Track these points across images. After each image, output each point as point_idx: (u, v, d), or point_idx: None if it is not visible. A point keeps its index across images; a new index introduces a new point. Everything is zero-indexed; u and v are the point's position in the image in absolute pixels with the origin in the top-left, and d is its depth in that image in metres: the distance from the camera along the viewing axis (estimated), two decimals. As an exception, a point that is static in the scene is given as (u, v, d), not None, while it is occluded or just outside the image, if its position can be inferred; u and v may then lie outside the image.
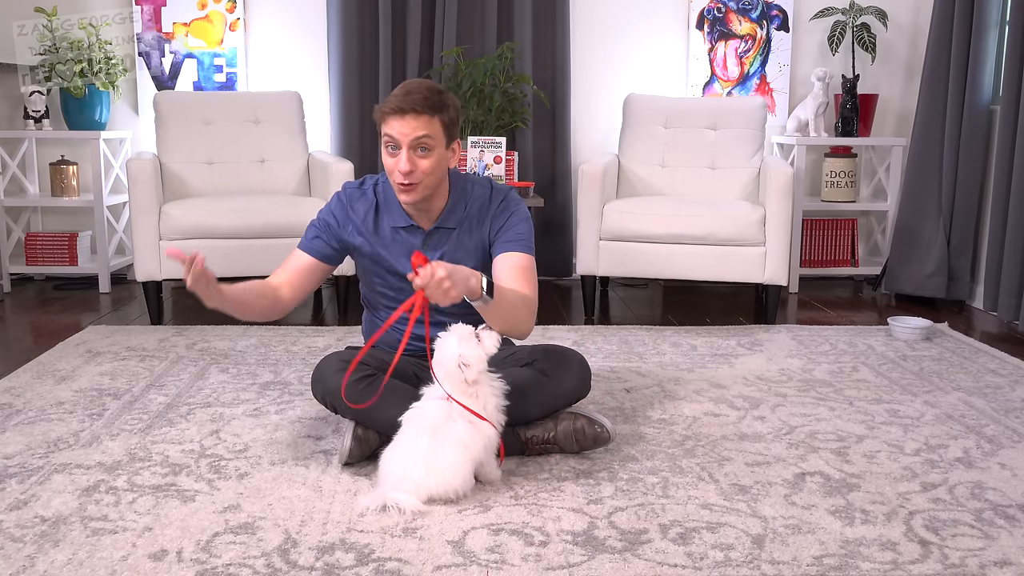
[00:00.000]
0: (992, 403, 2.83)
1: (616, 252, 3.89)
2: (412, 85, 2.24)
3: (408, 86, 2.24)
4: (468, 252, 2.39)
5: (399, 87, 2.25)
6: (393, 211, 2.38)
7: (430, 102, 2.20)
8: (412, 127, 2.19)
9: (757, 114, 4.36)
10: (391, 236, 2.39)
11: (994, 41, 4.15)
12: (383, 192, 2.41)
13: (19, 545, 1.86)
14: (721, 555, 1.84)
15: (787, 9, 4.79)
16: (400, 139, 2.21)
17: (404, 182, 2.24)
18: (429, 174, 2.24)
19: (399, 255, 2.38)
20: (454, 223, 2.38)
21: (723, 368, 3.21)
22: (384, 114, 2.22)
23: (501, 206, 2.41)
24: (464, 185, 2.42)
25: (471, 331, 2.13)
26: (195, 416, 2.65)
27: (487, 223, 2.41)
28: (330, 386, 2.26)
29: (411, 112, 2.19)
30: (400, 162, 2.21)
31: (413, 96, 2.20)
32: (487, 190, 2.43)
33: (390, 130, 2.21)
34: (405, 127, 2.20)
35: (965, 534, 1.94)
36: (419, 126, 2.19)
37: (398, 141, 2.21)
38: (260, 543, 1.87)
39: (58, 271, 4.57)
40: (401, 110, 2.19)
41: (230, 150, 4.27)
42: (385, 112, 2.22)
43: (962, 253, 4.27)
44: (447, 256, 2.37)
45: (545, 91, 4.62)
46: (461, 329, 2.14)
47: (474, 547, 1.86)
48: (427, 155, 2.23)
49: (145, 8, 4.60)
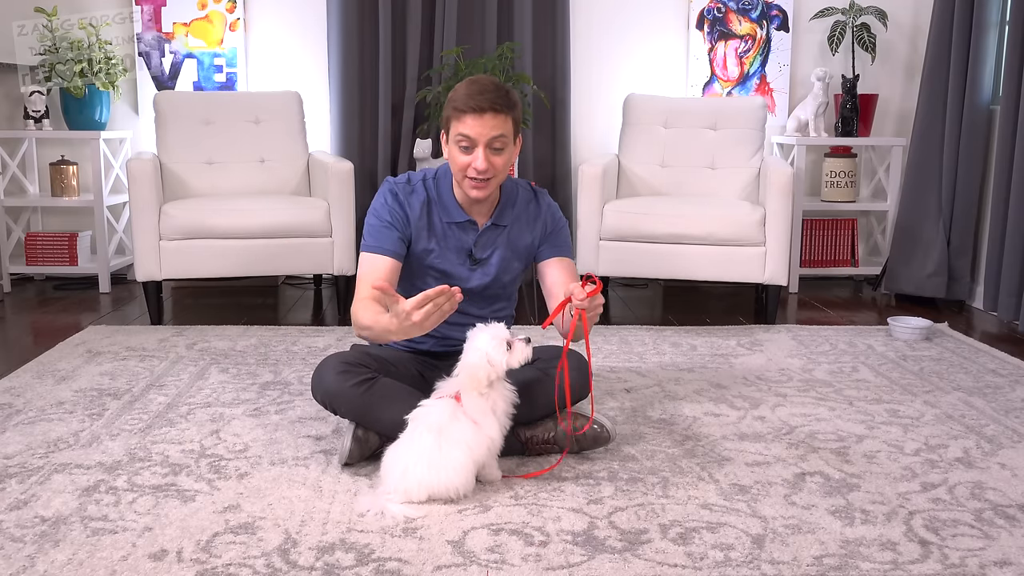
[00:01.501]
0: (992, 403, 2.83)
1: (616, 252, 3.89)
2: (484, 83, 2.23)
3: (480, 84, 2.23)
4: (518, 253, 2.44)
5: (468, 85, 2.24)
6: (448, 206, 2.38)
7: (505, 100, 2.22)
8: (490, 127, 2.21)
9: (757, 114, 4.36)
10: (443, 232, 2.39)
11: (994, 41, 4.15)
12: (435, 188, 2.40)
13: (19, 545, 1.86)
14: (721, 555, 1.84)
15: (787, 9, 4.79)
16: (478, 138, 2.21)
17: (479, 179, 2.25)
18: (502, 170, 2.28)
19: (447, 251, 2.39)
20: (507, 220, 2.42)
21: (723, 368, 3.21)
22: (460, 112, 2.22)
23: (549, 212, 2.48)
24: (508, 182, 2.45)
25: (506, 337, 2.13)
26: (195, 416, 2.65)
27: (538, 227, 2.45)
28: (330, 388, 2.26)
29: (490, 111, 2.20)
30: (477, 160, 2.23)
31: (489, 95, 2.20)
32: (527, 191, 2.49)
33: (466, 129, 2.21)
34: (483, 127, 2.20)
35: (965, 534, 1.94)
36: (496, 125, 2.21)
37: (475, 140, 2.22)
38: (260, 543, 1.87)
39: (58, 271, 4.57)
40: (480, 109, 2.19)
41: (230, 150, 4.27)
42: (462, 111, 2.21)
43: (962, 253, 4.27)
44: (499, 255, 2.41)
45: (545, 91, 4.62)
46: (497, 330, 2.14)
47: (474, 547, 1.86)
48: (501, 153, 2.25)
49: (145, 8, 4.60)
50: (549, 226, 2.48)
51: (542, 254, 2.48)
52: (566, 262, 2.47)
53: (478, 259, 2.40)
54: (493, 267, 2.42)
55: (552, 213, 2.49)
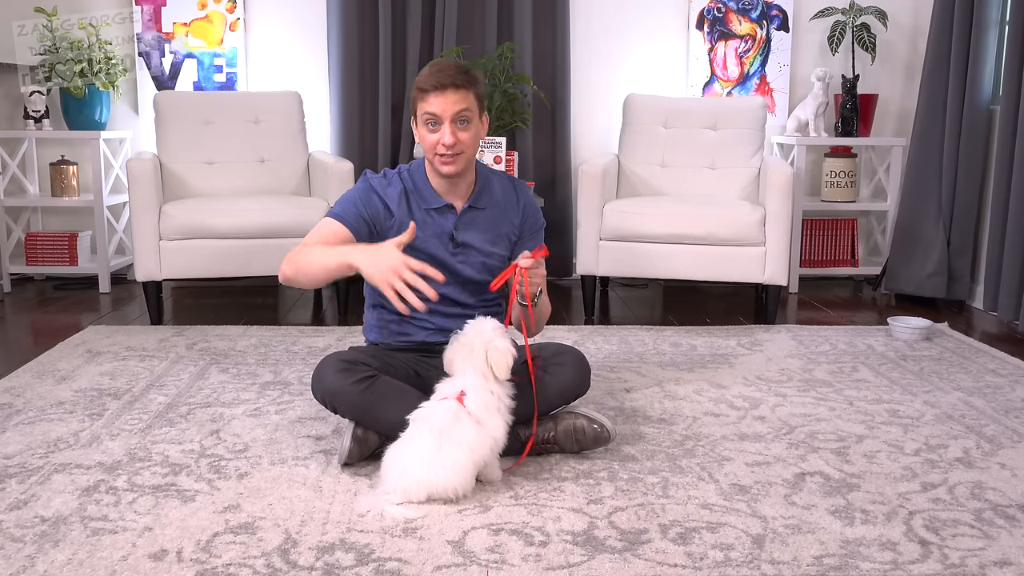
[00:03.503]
0: (992, 403, 2.83)
1: (616, 252, 3.89)
2: (442, 63, 2.33)
3: (439, 64, 2.33)
4: (499, 237, 2.48)
5: (428, 67, 2.34)
6: (425, 194, 2.42)
7: (465, 77, 2.31)
8: (452, 101, 2.28)
9: (757, 114, 4.36)
10: (422, 219, 2.41)
11: (994, 41, 4.15)
12: (410, 178, 2.45)
13: (19, 545, 1.86)
14: (721, 555, 1.84)
15: (787, 9, 4.79)
16: (442, 114, 2.29)
17: (448, 154, 2.31)
18: (470, 145, 2.35)
19: (429, 238, 2.41)
20: (484, 204, 2.46)
21: (723, 368, 3.21)
22: (424, 92, 2.30)
23: (527, 200, 2.54)
24: (483, 169, 2.52)
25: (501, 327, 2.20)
26: (195, 416, 2.65)
27: (517, 214, 2.51)
28: (330, 386, 2.27)
29: (451, 87, 2.28)
30: (444, 135, 2.30)
31: (449, 72, 2.29)
32: (504, 179, 2.56)
33: (431, 107, 2.29)
34: (446, 102, 2.28)
35: (965, 534, 1.94)
36: (459, 99, 2.29)
37: (439, 117, 2.29)
38: (260, 543, 1.87)
39: (58, 271, 4.57)
40: (442, 86, 2.27)
41: (230, 150, 4.27)
42: (425, 90, 2.29)
43: (962, 253, 4.27)
44: (480, 239, 2.44)
45: (545, 91, 4.62)
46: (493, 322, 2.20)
47: (474, 547, 1.86)
48: (467, 127, 2.32)
49: (145, 8, 4.60)
50: (530, 221, 2.53)
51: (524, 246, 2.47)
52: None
53: (460, 242, 2.42)
54: (476, 250, 2.44)
55: (533, 208, 2.55)
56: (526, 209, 2.53)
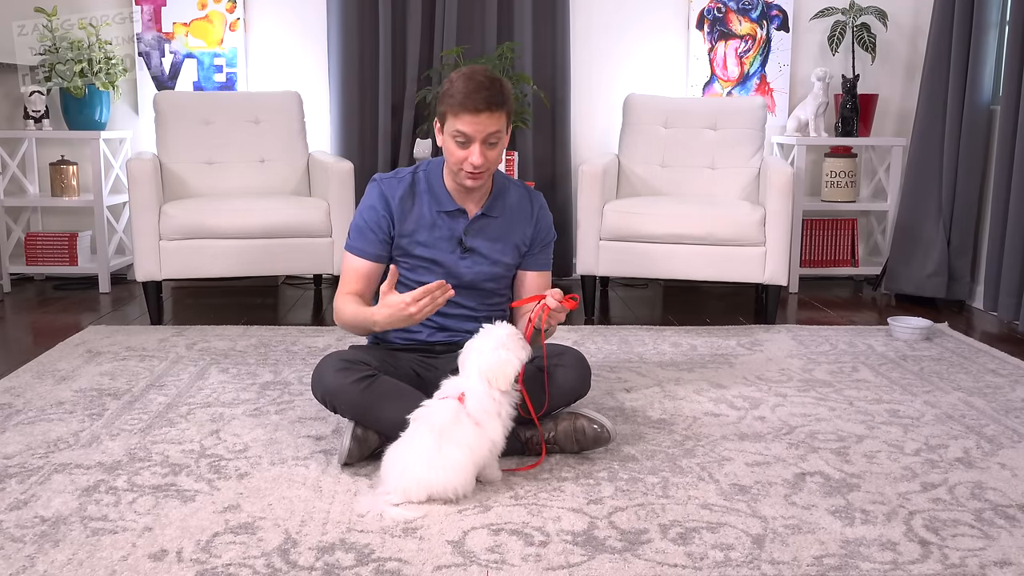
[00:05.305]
0: (992, 403, 2.83)
1: (616, 252, 3.89)
2: (479, 78, 2.25)
3: (475, 81, 2.25)
4: (509, 247, 2.48)
5: (465, 79, 2.26)
6: (439, 196, 2.42)
7: (500, 98, 2.26)
8: (486, 125, 2.26)
9: (757, 114, 4.36)
10: (432, 221, 2.41)
11: (994, 41, 4.15)
12: (425, 179, 2.44)
13: (19, 545, 1.86)
14: (721, 555, 1.84)
15: (787, 9, 4.79)
16: (474, 135, 2.26)
17: (476, 172, 2.31)
18: (496, 162, 2.35)
19: (439, 240, 2.41)
20: (497, 212, 2.46)
21: (723, 368, 3.21)
22: (457, 110, 2.25)
23: (544, 218, 2.54)
24: (500, 177, 2.51)
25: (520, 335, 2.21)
26: (195, 416, 2.65)
27: (530, 226, 2.51)
28: (330, 385, 2.27)
29: (486, 111, 2.24)
30: (473, 156, 2.28)
31: (484, 94, 2.23)
32: (521, 188, 2.54)
33: (463, 127, 2.25)
34: (479, 125, 2.25)
35: (965, 534, 1.94)
36: (492, 123, 2.26)
37: (471, 137, 2.27)
38: (260, 543, 1.87)
39: (58, 271, 4.57)
40: (477, 109, 2.23)
41: (230, 150, 4.27)
42: (459, 109, 2.25)
43: (962, 253, 4.27)
44: (488, 247, 2.44)
45: (545, 91, 4.62)
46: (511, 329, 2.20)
47: (474, 547, 1.86)
48: (495, 147, 2.31)
49: (145, 8, 4.60)
50: (542, 234, 2.54)
51: (527, 263, 2.53)
52: (546, 276, 2.59)
53: (468, 248, 2.42)
54: (483, 257, 2.44)
55: (546, 221, 2.55)
56: (539, 222, 2.53)
